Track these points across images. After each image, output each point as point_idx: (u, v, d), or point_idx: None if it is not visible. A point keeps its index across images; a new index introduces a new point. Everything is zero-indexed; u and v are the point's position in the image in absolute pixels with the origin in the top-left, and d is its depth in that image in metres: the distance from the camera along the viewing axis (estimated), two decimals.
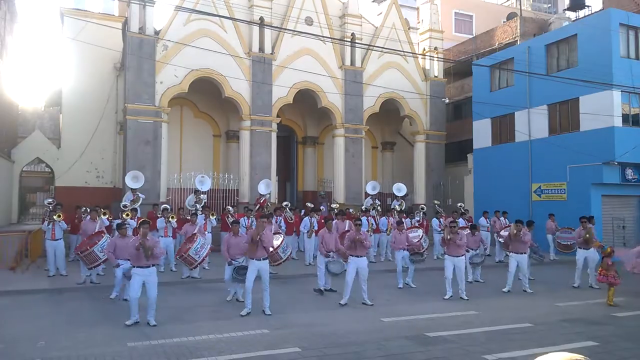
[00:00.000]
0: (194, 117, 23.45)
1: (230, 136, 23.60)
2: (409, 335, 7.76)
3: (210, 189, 19.40)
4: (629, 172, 18.52)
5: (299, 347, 7.05)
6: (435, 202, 21.23)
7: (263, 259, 9.24)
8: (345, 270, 10.28)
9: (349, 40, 22.35)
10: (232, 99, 20.67)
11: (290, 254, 11.85)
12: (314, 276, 13.15)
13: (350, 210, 18.96)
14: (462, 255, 11.05)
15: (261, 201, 17.75)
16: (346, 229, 14.33)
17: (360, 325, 8.40)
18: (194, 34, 19.85)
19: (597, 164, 18.23)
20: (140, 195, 16.30)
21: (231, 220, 11.50)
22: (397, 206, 19.56)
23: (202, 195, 17.04)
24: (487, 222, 17.65)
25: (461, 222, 17.48)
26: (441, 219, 17.07)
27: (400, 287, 12.09)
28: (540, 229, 16.79)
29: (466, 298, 10.69)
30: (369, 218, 16.13)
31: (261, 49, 21.04)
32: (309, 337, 7.64)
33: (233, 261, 9.81)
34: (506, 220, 17.34)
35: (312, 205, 18.01)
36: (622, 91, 18.11)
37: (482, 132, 23.75)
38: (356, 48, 22.69)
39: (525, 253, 11.86)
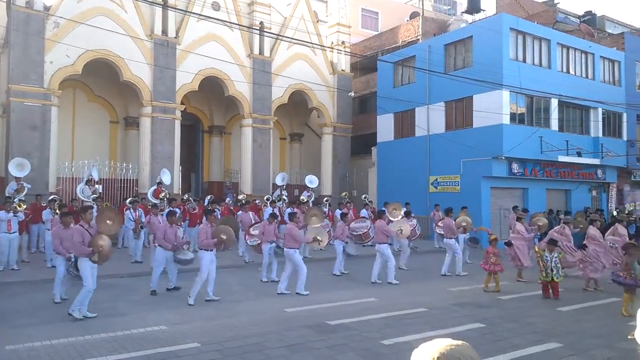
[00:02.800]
0: (88, 101, 21.85)
1: (130, 123, 22.31)
2: (310, 324, 7.82)
3: (106, 179, 18.30)
4: (515, 167, 20.14)
5: (198, 342, 6.84)
6: (344, 194, 21.77)
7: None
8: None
9: (258, 28, 22.01)
10: (132, 83, 19.52)
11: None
12: (219, 269, 12.88)
13: (257, 201, 18.80)
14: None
15: (164, 192, 16.96)
16: (252, 221, 14.19)
17: (263, 317, 8.33)
18: (90, 11, 18.43)
19: (487, 159, 19.61)
20: (25, 185, 14.91)
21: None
22: (305, 197, 19.73)
23: (96, 185, 16.01)
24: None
25: (364, 212, 18.13)
26: (344, 210, 17.45)
27: (264, 281, 11.61)
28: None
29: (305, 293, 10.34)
30: (274, 209, 16.04)
31: (164, 32, 20.07)
32: (210, 331, 7.43)
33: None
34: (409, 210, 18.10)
35: (212, 197, 17.61)
36: (510, 91, 19.58)
37: (385, 127, 24.60)
38: (265, 37, 22.41)
39: (386, 243, 11.84)
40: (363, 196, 20.95)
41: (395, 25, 28.87)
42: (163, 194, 15.91)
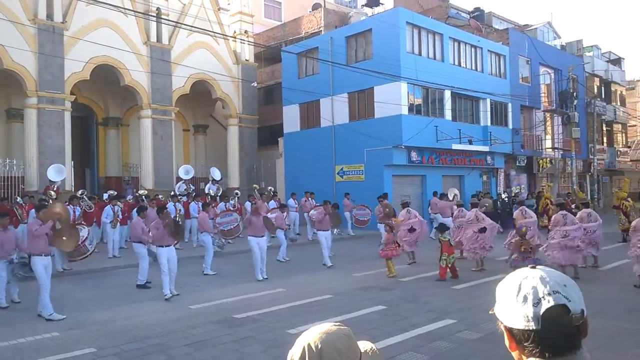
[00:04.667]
0: None
1: (13, 115, 20.37)
2: (216, 319, 7.69)
3: None
4: (414, 155, 21.16)
5: (94, 347, 6.45)
6: (255, 186, 21.49)
7: None
8: None
9: (155, 15, 21.00)
10: (13, 71, 17.79)
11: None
12: (118, 269, 12.32)
13: (160, 196, 18.07)
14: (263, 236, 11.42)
15: (54, 189, 15.73)
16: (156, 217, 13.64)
17: (166, 316, 8.05)
18: None
19: (388, 148, 20.41)
20: None
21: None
22: (212, 191, 19.30)
23: None
24: (295, 203, 18.50)
25: (272, 204, 18.08)
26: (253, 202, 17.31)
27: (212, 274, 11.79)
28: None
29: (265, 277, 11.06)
30: (176, 204, 15.52)
31: (50, 17, 18.49)
32: (107, 334, 7.04)
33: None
34: (313, 200, 18.37)
35: (115, 193, 16.67)
36: (408, 83, 20.49)
37: (291, 117, 24.70)
38: (162, 24, 21.45)
39: (328, 230, 12.84)
40: (269, 188, 20.90)
41: (298, 16, 28.96)
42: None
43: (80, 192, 15.83)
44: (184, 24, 20.73)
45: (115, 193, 16.84)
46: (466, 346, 6.25)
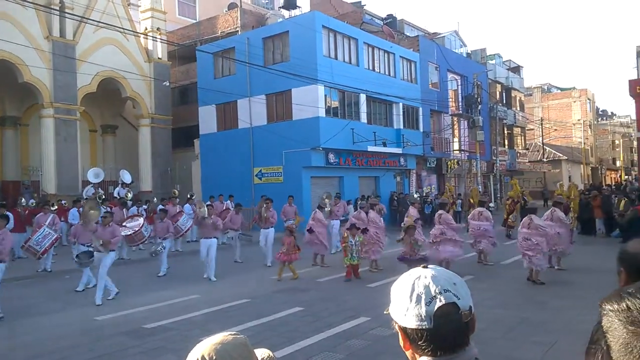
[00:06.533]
0: None
1: None
2: (125, 330, 7.30)
3: None
4: (331, 156, 21.49)
5: None
6: (174, 191, 20.65)
7: None
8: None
9: (57, 8, 19.63)
10: None
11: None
12: (13, 281, 11.35)
13: (63, 202, 16.91)
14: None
15: None
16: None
17: (70, 329, 7.52)
18: None
19: (306, 150, 20.57)
20: None
21: None
22: (122, 194, 18.40)
23: None
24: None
25: (187, 208, 17.53)
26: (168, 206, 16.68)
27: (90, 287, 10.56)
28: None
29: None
30: (80, 209, 14.57)
31: None
32: (3, 351, 6.45)
33: None
34: (232, 203, 18.01)
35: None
36: (325, 86, 20.77)
37: (207, 118, 24.14)
38: (66, 18, 20.10)
39: (215, 237, 11.53)
40: (189, 194, 20.23)
41: (214, 15, 28.40)
42: None
43: None
44: (90, 19, 19.57)
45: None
46: (379, 343, 6.41)
